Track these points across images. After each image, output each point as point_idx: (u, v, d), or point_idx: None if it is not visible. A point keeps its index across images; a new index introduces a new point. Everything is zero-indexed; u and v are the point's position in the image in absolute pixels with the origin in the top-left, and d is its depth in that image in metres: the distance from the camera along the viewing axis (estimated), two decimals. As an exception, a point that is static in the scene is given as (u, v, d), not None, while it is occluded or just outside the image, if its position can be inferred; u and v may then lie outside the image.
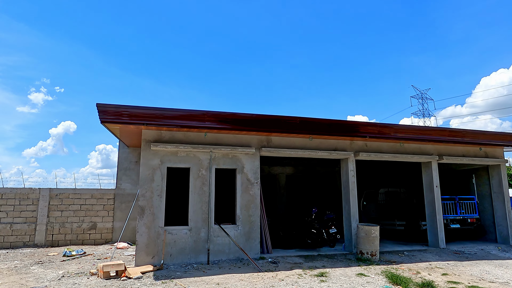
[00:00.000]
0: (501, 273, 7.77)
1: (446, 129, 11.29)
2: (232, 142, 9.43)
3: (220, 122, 8.79)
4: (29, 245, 11.86)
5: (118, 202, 12.95)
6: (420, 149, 11.39)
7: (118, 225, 12.71)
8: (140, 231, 8.31)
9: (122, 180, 13.19)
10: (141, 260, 8.18)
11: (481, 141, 11.43)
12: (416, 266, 8.42)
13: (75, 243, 12.22)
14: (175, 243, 8.50)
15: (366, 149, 10.80)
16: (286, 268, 7.94)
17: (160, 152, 8.76)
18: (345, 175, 10.69)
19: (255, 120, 9.05)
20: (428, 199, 11.42)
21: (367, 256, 8.92)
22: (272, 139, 9.88)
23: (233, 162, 9.37)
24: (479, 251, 10.47)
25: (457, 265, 8.60)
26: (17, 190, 12.22)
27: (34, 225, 12.04)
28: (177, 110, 8.48)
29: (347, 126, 10.01)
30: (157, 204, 8.55)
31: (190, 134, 9.11)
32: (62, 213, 12.34)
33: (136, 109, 8.15)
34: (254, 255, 8.97)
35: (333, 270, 7.83)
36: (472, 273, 7.80)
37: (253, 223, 9.24)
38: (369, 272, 7.68)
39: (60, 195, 12.45)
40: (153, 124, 8.34)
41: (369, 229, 9.02)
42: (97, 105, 7.83)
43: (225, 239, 8.87)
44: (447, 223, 11.55)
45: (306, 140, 10.17)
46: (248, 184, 9.40)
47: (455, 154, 11.79)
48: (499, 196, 12.18)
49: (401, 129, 10.56)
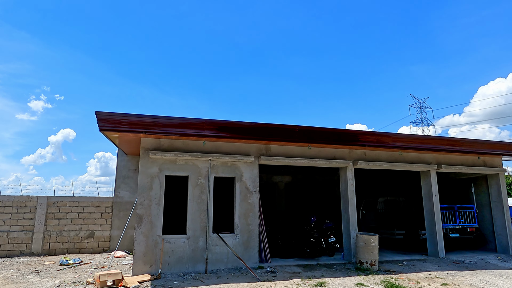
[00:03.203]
0: (501, 283, 7.72)
1: (445, 138, 11.33)
2: (231, 151, 9.43)
3: (219, 130, 8.80)
4: (25, 254, 11.76)
5: (116, 210, 12.88)
6: (418, 158, 11.41)
7: (116, 233, 12.63)
8: (137, 240, 8.26)
9: (120, 188, 13.14)
10: (139, 269, 8.11)
11: (479, 150, 11.47)
12: (416, 276, 8.36)
13: (72, 251, 12.12)
14: (173, 252, 8.44)
15: (365, 158, 10.81)
16: (285, 278, 7.88)
17: (158, 160, 8.75)
18: (344, 183, 10.68)
19: (254, 129, 9.07)
20: (427, 208, 11.40)
21: (366, 266, 8.86)
22: (271, 148, 9.89)
23: (232, 171, 9.36)
24: (479, 260, 10.42)
25: (457, 275, 8.54)
26: (15, 198, 12.16)
27: (31, 233, 11.94)
28: (176, 118, 8.50)
29: (346, 135, 10.04)
30: (155, 213, 8.51)
31: (189, 142, 9.12)
32: (59, 221, 12.26)
33: (135, 117, 8.17)
34: (253, 264, 8.91)
35: (332, 280, 7.77)
36: (472, 283, 7.75)
37: (251, 232, 9.20)
38: (368, 282, 7.62)
39: (58, 203, 12.38)
40: (152, 132, 8.35)
41: (368, 238, 8.97)
42: (96, 113, 7.84)
43: (224, 248, 8.81)
44: (446, 232, 11.50)
45: (305, 149, 10.18)
46: (246, 193, 9.38)
47: (454, 163, 11.82)
48: (498, 205, 12.16)
49: (400, 138, 10.59)
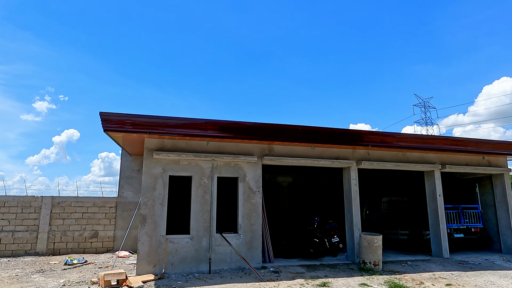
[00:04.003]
0: (506, 284, 7.67)
1: (449, 138, 11.27)
2: (234, 151, 9.45)
3: (222, 130, 8.82)
4: (30, 254, 11.84)
5: (120, 211, 12.94)
6: (422, 158, 11.36)
7: (120, 233, 12.68)
8: (141, 240, 8.30)
9: (124, 188, 13.20)
10: (142, 269, 8.14)
11: (484, 150, 11.40)
12: (420, 276, 8.33)
13: (76, 251, 12.19)
14: (177, 252, 8.46)
15: (368, 158, 10.78)
16: (288, 278, 7.88)
17: (162, 160, 8.78)
18: (347, 184, 10.66)
19: (257, 129, 9.08)
20: (431, 208, 11.34)
21: (369, 266, 8.84)
22: (274, 148, 9.89)
23: (235, 171, 9.37)
24: (483, 261, 10.35)
25: (461, 275, 8.50)
26: (20, 198, 12.25)
27: (36, 233, 12.03)
28: (179, 118, 8.52)
29: (349, 135, 10.01)
30: (158, 213, 8.54)
31: (192, 142, 9.14)
32: (64, 221, 12.34)
33: (138, 118, 8.21)
34: (256, 264, 8.92)
35: (336, 280, 7.76)
36: (477, 283, 7.70)
37: (255, 232, 9.20)
38: (372, 282, 7.60)
39: (62, 203, 12.45)
40: (155, 132, 8.38)
41: (371, 239, 8.95)
42: (101, 113, 7.89)
43: (227, 248, 8.83)
44: (450, 233, 11.44)
45: (308, 149, 10.18)
46: (250, 193, 9.39)
47: (458, 163, 11.75)
48: (502, 205, 12.09)
49: (404, 138, 10.55)
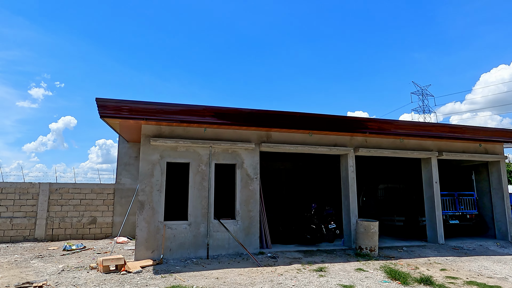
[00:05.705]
0: (499, 269, 7.80)
1: (446, 125, 11.28)
2: (232, 138, 9.42)
3: (220, 117, 8.77)
4: (29, 240, 11.90)
5: (118, 197, 12.97)
6: (420, 145, 11.39)
7: (118, 219, 12.74)
8: (139, 226, 8.34)
9: (122, 175, 13.20)
10: (141, 254, 8.21)
11: (481, 137, 11.44)
12: (415, 261, 8.45)
13: (75, 237, 12.26)
14: (175, 237, 8.52)
15: (366, 145, 10.80)
16: (285, 263, 7.97)
17: (159, 147, 8.75)
18: (345, 170, 10.70)
19: (255, 116, 9.04)
20: (428, 195, 11.44)
21: (366, 252, 8.95)
22: (272, 135, 9.87)
23: (233, 158, 9.37)
24: (478, 247, 10.51)
25: (456, 260, 8.63)
26: (17, 184, 12.23)
27: (34, 219, 12.06)
28: (177, 105, 8.46)
29: (347, 122, 10.00)
30: (156, 199, 8.56)
31: (190, 129, 9.10)
32: (62, 207, 12.37)
33: (136, 104, 8.14)
34: (254, 250, 9.00)
35: (332, 265, 7.86)
36: (471, 268, 7.83)
37: (252, 218, 9.27)
38: (368, 267, 7.71)
39: (60, 190, 12.46)
40: (153, 119, 8.33)
41: (368, 225, 9.04)
42: (97, 99, 7.80)
43: (225, 234, 8.89)
44: (446, 219, 11.57)
45: (306, 136, 10.16)
46: (247, 180, 9.41)
47: (455, 150, 11.80)
48: (498, 192, 12.20)
49: (401, 125, 10.56)
